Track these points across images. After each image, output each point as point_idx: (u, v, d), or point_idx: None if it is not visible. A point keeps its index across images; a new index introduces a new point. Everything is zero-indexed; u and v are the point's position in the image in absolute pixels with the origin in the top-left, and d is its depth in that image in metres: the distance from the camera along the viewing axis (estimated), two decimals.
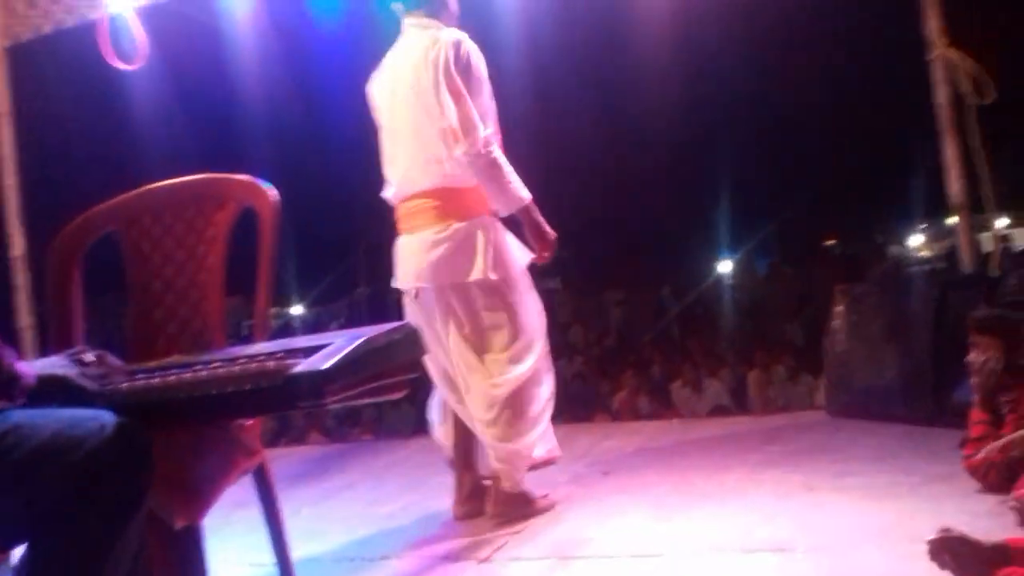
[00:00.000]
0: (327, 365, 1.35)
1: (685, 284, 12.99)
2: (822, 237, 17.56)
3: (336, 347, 1.42)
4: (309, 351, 1.43)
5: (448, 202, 2.85)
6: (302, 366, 1.36)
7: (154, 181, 1.98)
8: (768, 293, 11.84)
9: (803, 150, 15.77)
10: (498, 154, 2.81)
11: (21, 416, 1.23)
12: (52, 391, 1.31)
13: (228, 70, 8.45)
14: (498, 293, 2.88)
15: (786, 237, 16.82)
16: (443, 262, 2.83)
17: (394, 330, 1.56)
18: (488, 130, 2.81)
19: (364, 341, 1.45)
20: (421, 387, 2.87)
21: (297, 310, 19.36)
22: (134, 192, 1.95)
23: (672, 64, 11.90)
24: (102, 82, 5.72)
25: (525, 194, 2.86)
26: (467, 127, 2.75)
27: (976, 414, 2.70)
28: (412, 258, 2.89)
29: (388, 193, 3.01)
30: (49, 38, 4.96)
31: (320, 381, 1.33)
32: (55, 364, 1.35)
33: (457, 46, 2.81)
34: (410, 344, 1.58)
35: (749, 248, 16.11)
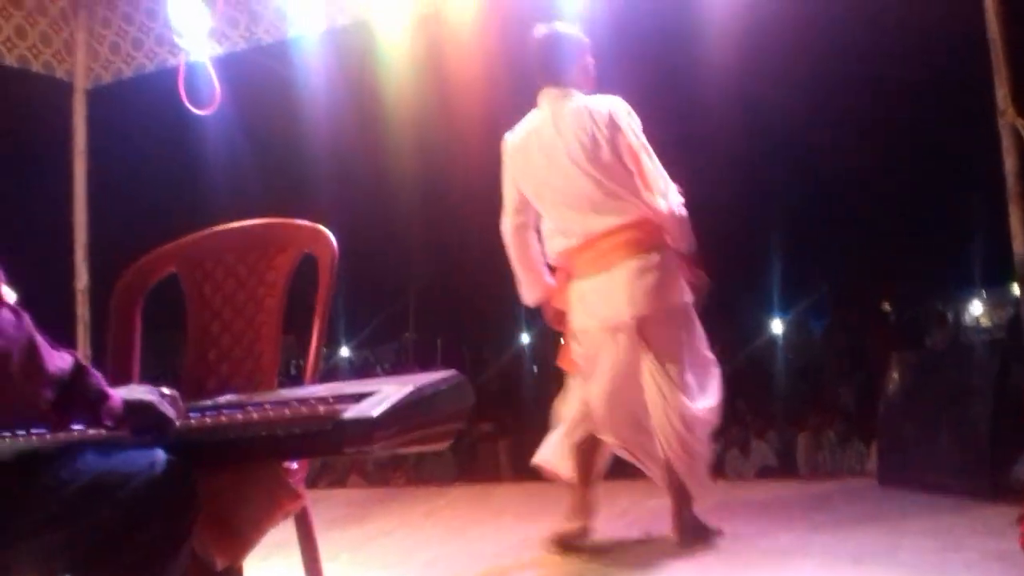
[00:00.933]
0: (376, 412, 1.37)
1: (736, 343, 12.82)
2: (878, 300, 17.23)
3: (385, 394, 1.45)
4: (359, 397, 1.45)
5: (647, 233, 3.03)
6: (351, 412, 1.38)
7: (220, 223, 2.04)
8: (821, 355, 11.63)
9: (862, 211, 15.57)
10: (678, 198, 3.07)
11: (80, 449, 1.26)
12: (136, 417, 1.34)
13: (295, 116, 8.73)
14: (688, 318, 3.10)
15: (841, 299, 16.53)
16: (655, 289, 3.00)
17: (444, 379, 1.57)
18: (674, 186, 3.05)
19: (414, 389, 1.47)
20: (464, 436, 2.90)
21: (345, 351, 19.56)
22: (198, 234, 2.01)
23: (728, 122, 11.92)
24: (176, 125, 5.94)
25: (690, 232, 3.10)
26: (663, 183, 3.01)
27: None
28: (612, 294, 3.02)
29: (556, 245, 3.17)
30: (127, 81, 5.19)
31: (369, 428, 1.35)
32: (140, 391, 1.38)
33: (626, 107, 3.05)
34: (459, 394, 1.60)
35: (802, 308, 15.86)
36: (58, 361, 1.23)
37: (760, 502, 3.99)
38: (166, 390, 1.41)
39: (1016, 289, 4.37)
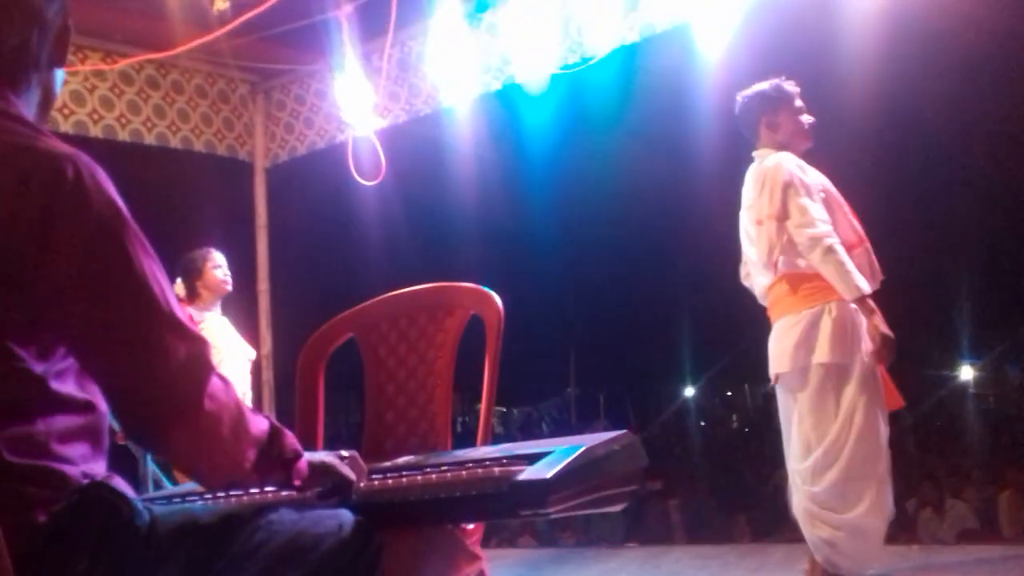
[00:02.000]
0: (551, 474, 1.34)
1: (922, 391, 11.97)
2: None
3: (558, 455, 1.42)
4: (532, 458, 1.44)
5: (796, 288, 3.11)
6: (527, 474, 1.36)
7: (389, 288, 2.11)
8: (1021, 403, 10.65)
9: None
10: (835, 242, 3.02)
11: (273, 513, 1.31)
12: (320, 478, 1.39)
13: (454, 181, 9.05)
14: (833, 379, 3.01)
15: None
16: (795, 346, 3.06)
17: (616, 439, 1.53)
18: (826, 225, 3.05)
19: (586, 450, 1.44)
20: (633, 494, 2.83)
21: (507, 407, 19.76)
22: (373, 300, 2.09)
23: (899, 149, 11.34)
24: (346, 197, 6.28)
25: (863, 285, 2.98)
26: (805, 219, 3.04)
27: None
28: (775, 344, 3.18)
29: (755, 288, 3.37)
30: (300, 158, 5.54)
31: (544, 490, 1.32)
32: (322, 455, 1.43)
33: (782, 167, 3.16)
34: (631, 454, 1.55)
35: (998, 352, 14.61)
36: (258, 424, 1.30)
37: (961, 568, 3.65)
38: (345, 452, 1.45)
39: None
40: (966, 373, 14.96)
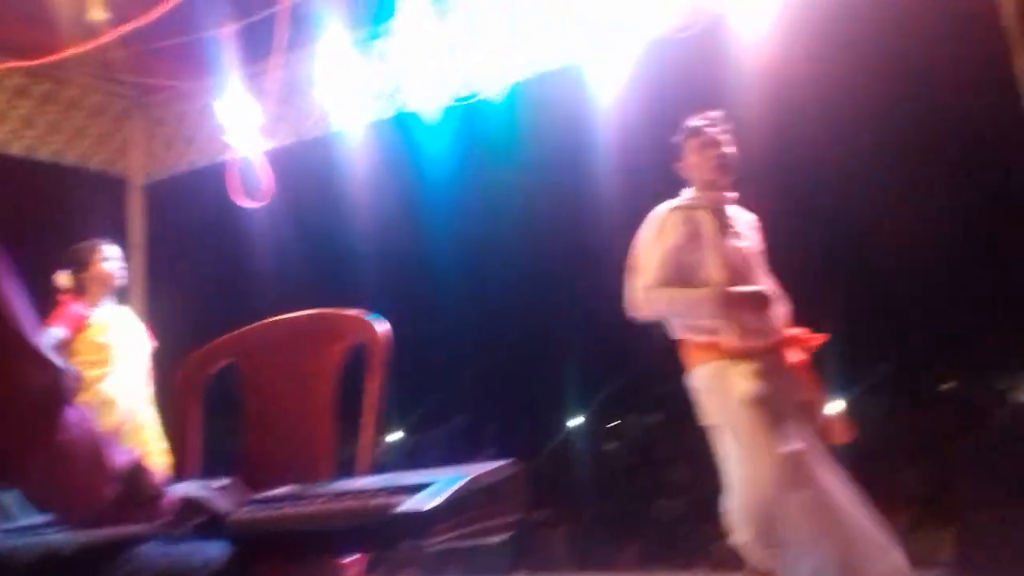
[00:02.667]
0: (431, 505, 1.32)
1: None
2: (939, 380, 16.73)
3: (440, 486, 1.40)
4: (414, 488, 1.41)
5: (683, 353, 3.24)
6: (406, 505, 1.34)
7: (273, 313, 2.05)
8: (883, 438, 11.25)
9: (920, 288, 15.28)
10: (653, 292, 3.10)
11: (139, 544, 1.25)
12: (190, 514, 1.34)
13: (343, 206, 8.94)
14: (728, 439, 3.12)
15: (901, 378, 16.10)
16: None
17: (499, 469, 1.53)
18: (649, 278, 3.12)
19: (469, 480, 1.43)
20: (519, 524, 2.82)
21: (393, 436, 19.47)
22: (253, 325, 2.02)
23: (773, 196, 11.89)
24: (229, 218, 6.11)
25: (703, 294, 3.07)
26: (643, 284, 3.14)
27: None
28: None
29: None
30: (181, 176, 5.36)
31: (424, 522, 1.30)
32: (191, 488, 1.38)
33: (663, 212, 3.27)
34: (515, 484, 1.55)
35: (862, 388, 15.44)
36: (119, 456, 1.24)
37: None
38: (221, 481, 1.40)
39: None
40: (837, 405, 15.74)
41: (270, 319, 1.99)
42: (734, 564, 7.36)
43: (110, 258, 4.19)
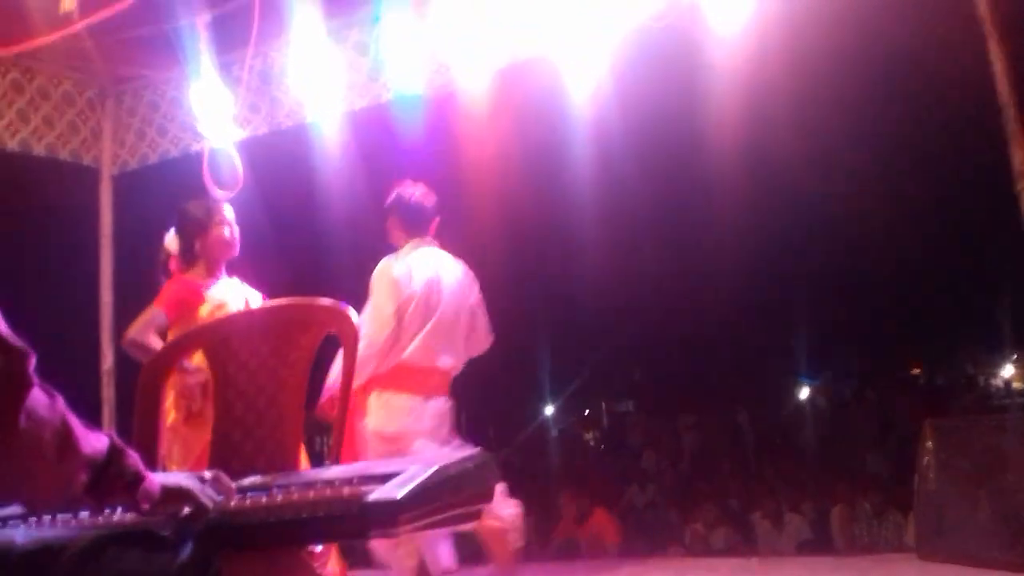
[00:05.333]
0: (401, 494, 1.34)
1: (763, 409, 12.63)
2: (908, 365, 16.97)
3: (410, 475, 1.42)
4: (384, 477, 1.43)
5: None
6: (376, 494, 1.35)
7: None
8: (851, 422, 11.41)
9: (890, 274, 15.47)
10: None
11: (109, 541, 1.24)
12: (172, 503, 1.32)
13: (315, 197, 8.89)
14: None
15: (870, 363, 16.32)
16: None
17: (469, 458, 1.55)
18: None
19: (439, 469, 1.45)
20: None
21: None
22: (222, 316, 2.03)
23: (748, 185, 11.98)
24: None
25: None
26: None
27: None
28: None
29: None
30: (152, 167, 5.31)
31: (394, 510, 1.32)
32: (179, 477, 1.37)
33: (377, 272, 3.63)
34: (485, 472, 1.57)
35: (831, 373, 15.63)
36: (93, 442, 1.21)
37: None
38: (207, 474, 1.40)
39: None
40: (804, 393, 15.94)
41: (242, 309, 1.99)
42: (703, 548, 7.46)
43: (228, 222, 3.60)
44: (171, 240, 3.68)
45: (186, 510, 1.33)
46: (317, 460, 3.24)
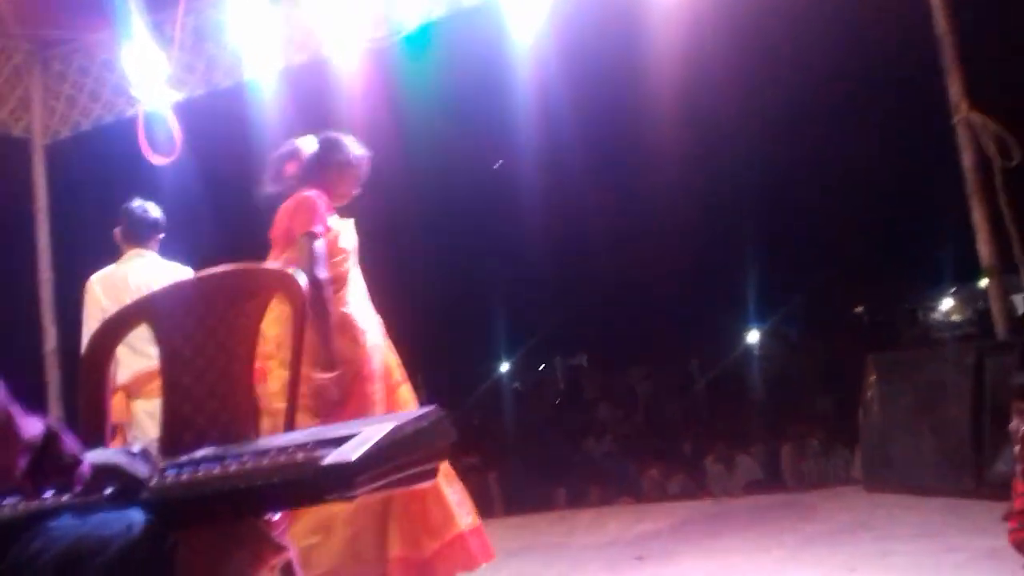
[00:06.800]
0: (356, 456, 1.34)
1: (713, 357, 12.88)
2: (850, 304, 17.39)
3: (365, 436, 1.42)
4: (338, 440, 1.42)
5: None
6: (331, 457, 1.35)
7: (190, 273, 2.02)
8: (798, 363, 11.70)
9: (828, 217, 15.76)
10: None
11: (53, 515, 1.23)
12: (105, 480, 1.32)
13: (257, 158, 8.69)
14: None
15: (814, 305, 16.69)
16: None
17: (423, 416, 1.55)
18: None
19: (394, 428, 1.45)
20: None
21: None
22: (168, 285, 1.98)
23: (694, 133, 12.06)
24: (137, 175, 5.91)
25: None
26: None
27: (1020, 485, 2.62)
28: None
29: None
30: (86, 134, 5.14)
31: (349, 473, 1.32)
32: (107, 454, 1.36)
33: None
34: (439, 430, 1.57)
35: (777, 318, 15.96)
36: (31, 428, 1.21)
37: (749, 517, 3.98)
38: (135, 448, 1.38)
39: (984, 283, 4.42)
40: (752, 338, 16.27)
41: (185, 277, 1.95)
42: (660, 495, 7.62)
43: (363, 157, 3.25)
44: (309, 143, 3.27)
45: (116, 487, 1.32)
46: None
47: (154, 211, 3.89)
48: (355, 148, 3.20)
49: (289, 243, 2.98)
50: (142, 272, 3.72)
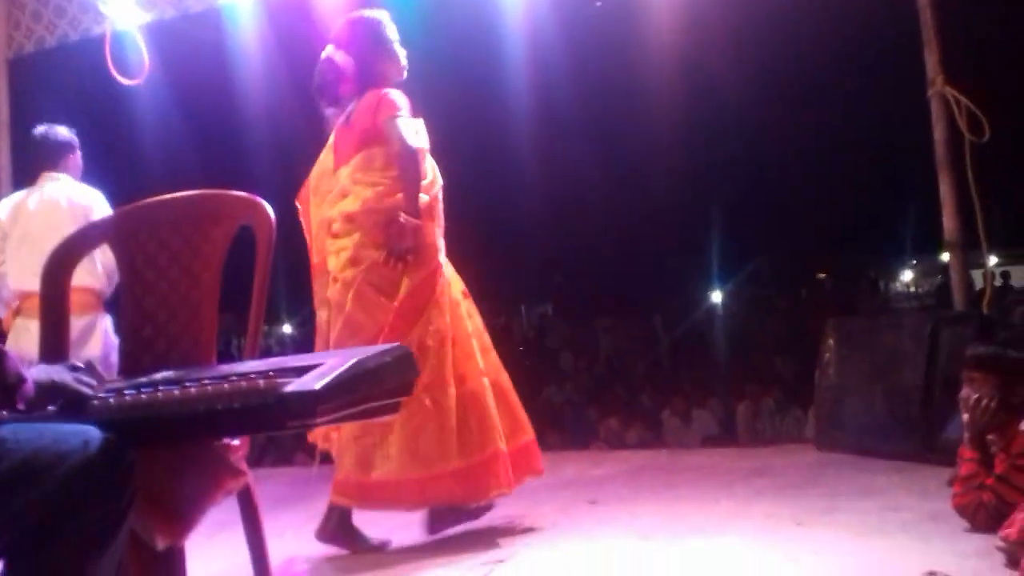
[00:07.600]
0: (319, 385, 1.33)
1: (676, 313, 13.01)
2: (815, 270, 17.64)
3: (328, 367, 1.42)
4: (300, 371, 1.42)
5: None
6: (293, 386, 1.35)
7: (152, 196, 1.97)
8: (759, 324, 11.86)
9: (798, 183, 15.89)
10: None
11: (5, 430, 1.21)
12: (49, 397, 1.30)
13: (230, 86, 8.50)
14: None
15: (779, 269, 16.90)
16: None
17: (387, 351, 1.55)
18: None
19: (356, 362, 1.44)
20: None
21: (287, 328, 19.28)
22: (130, 206, 1.94)
23: (669, 95, 12.01)
24: (104, 96, 5.75)
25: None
26: None
27: (966, 452, 2.70)
28: None
29: None
30: (52, 51, 4.98)
31: (311, 401, 1.32)
32: (50, 371, 1.34)
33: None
34: (402, 366, 1.57)
35: (741, 278, 16.16)
36: None
37: (703, 469, 4.06)
38: (79, 363, 1.37)
39: (945, 256, 4.50)
40: (716, 297, 16.46)
41: (149, 200, 1.91)
42: (618, 443, 7.74)
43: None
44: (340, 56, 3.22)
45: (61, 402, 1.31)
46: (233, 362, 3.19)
47: (62, 133, 3.96)
48: (385, 21, 3.24)
49: (375, 139, 3.05)
50: (49, 194, 3.83)
